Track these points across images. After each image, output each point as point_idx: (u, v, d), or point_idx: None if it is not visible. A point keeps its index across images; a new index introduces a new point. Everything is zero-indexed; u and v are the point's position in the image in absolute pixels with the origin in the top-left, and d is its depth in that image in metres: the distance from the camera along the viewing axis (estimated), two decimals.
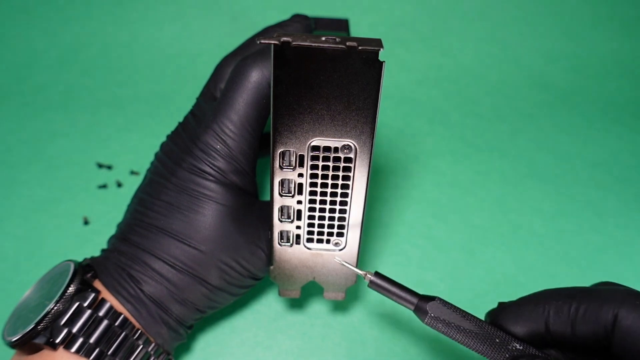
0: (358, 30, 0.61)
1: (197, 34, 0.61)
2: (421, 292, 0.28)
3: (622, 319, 0.24)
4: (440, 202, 0.48)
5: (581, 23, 0.64)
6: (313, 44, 0.23)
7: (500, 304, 0.29)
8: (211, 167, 0.30)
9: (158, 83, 0.57)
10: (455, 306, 0.27)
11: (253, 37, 0.36)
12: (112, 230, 0.34)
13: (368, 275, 0.27)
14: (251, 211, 0.31)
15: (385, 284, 0.27)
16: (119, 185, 0.47)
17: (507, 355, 0.26)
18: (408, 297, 0.27)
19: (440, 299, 0.27)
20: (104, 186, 0.47)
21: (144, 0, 0.60)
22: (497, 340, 0.26)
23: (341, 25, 0.43)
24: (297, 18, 0.36)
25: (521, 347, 0.26)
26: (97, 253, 0.33)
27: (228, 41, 0.54)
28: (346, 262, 0.29)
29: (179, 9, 0.61)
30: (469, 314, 0.27)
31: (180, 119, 0.34)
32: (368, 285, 0.28)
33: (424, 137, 0.55)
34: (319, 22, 0.43)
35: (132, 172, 0.48)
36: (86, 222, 0.44)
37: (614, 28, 0.64)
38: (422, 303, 0.27)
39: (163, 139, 0.34)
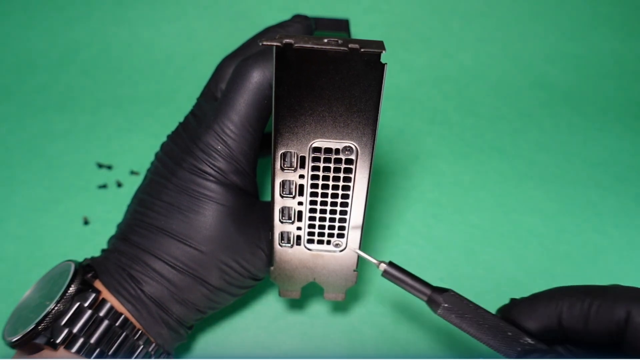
0: (358, 30, 0.61)
1: (197, 34, 0.61)
2: None
3: (634, 316, 0.24)
4: (440, 202, 0.48)
5: (581, 23, 0.64)
6: (315, 46, 0.23)
7: (513, 300, 0.29)
8: (212, 168, 0.30)
9: (158, 83, 0.57)
10: (468, 299, 0.27)
11: (254, 37, 0.36)
12: (112, 230, 0.34)
13: (382, 265, 0.28)
14: (251, 211, 0.31)
15: (400, 274, 0.27)
16: (119, 185, 0.47)
17: (518, 349, 0.26)
18: (422, 288, 0.27)
19: (454, 292, 0.27)
20: (104, 186, 0.47)
21: (144, 0, 0.60)
22: (510, 334, 0.26)
23: (341, 25, 0.43)
24: (298, 18, 0.36)
25: (533, 342, 0.26)
26: (97, 253, 0.33)
27: (228, 41, 0.54)
28: (362, 252, 0.29)
29: (179, 9, 0.61)
30: (481, 307, 0.27)
31: (181, 119, 0.34)
32: (382, 275, 0.28)
33: (424, 137, 0.55)
34: (320, 22, 0.43)
35: (132, 172, 0.48)
36: (86, 222, 0.44)
37: (614, 28, 0.64)
38: (435, 294, 0.27)
39: (163, 139, 0.34)
